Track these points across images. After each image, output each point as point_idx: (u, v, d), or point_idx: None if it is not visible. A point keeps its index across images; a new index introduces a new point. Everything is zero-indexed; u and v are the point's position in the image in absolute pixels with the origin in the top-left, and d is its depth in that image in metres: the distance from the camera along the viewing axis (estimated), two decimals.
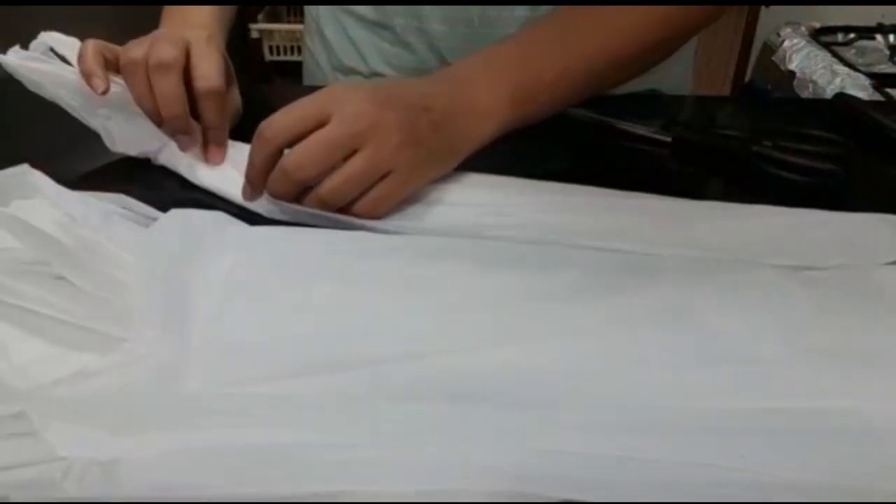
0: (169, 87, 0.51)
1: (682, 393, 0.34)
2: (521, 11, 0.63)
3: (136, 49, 0.52)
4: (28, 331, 0.36)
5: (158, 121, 0.52)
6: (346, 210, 0.46)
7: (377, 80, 0.68)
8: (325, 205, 0.45)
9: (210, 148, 0.53)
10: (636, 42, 0.54)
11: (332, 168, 0.45)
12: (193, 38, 0.53)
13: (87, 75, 0.51)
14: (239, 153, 0.51)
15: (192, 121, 0.53)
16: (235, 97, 0.58)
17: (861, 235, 0.46)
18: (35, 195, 0.42)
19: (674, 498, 0.28)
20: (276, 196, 0.46)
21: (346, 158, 0.45)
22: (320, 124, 0.45)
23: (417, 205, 0.48)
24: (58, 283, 0.37)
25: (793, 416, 0.33)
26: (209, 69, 0.52)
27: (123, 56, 0.52)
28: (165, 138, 0.53)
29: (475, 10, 0.63)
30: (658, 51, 0.57)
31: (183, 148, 0.53)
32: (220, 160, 0.52)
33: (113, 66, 0.52)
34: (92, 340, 0.35)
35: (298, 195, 0.46)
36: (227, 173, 0.52)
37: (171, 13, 0.61)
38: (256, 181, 0.47)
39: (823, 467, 0.30)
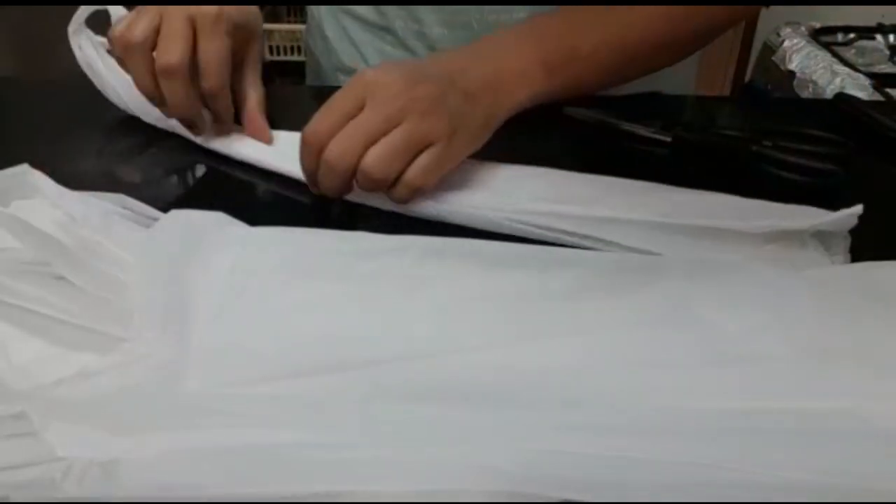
0: (176, 93, 0.51)
1: (682, 393, 0.34)
2: (520, 14, 0.63)
3: (138, 27, 0.51)
4: (28, 331, 0.36)
5: (158, 103, 0.53)
6: (392, 188, 0.47)
7: (406, 58, 0.68)
8: (370, 179, 0.46)
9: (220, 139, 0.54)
10: (671, 28, 0.55)
11: None
12: (200, 16, 0.51)
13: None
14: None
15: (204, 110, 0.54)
16: (254, 56, 0.58)
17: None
18: (35, 195, 0.42)
19: (674, 498, 0.28)
20: (331, 191, 0.47)
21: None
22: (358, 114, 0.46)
23: (453, 189, 0.49)
24: (58, 283, 0.37)
25: (793, 416, 0.33)
26: (211, 65, 0.52)
27: (122, 36, 0.51)
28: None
29: (474, 13, 0.64)
30: (690, 41, 0.59)
31: (196, 135, 0.54)
32: (267, 139, 0.54)
33: None
34: (92, 340, 0.35)
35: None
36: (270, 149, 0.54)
37: None
38: (316, 185, 0.48)
39: (823, 467, 0.30)
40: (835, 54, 1.51)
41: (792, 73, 1.51)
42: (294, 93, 0.69)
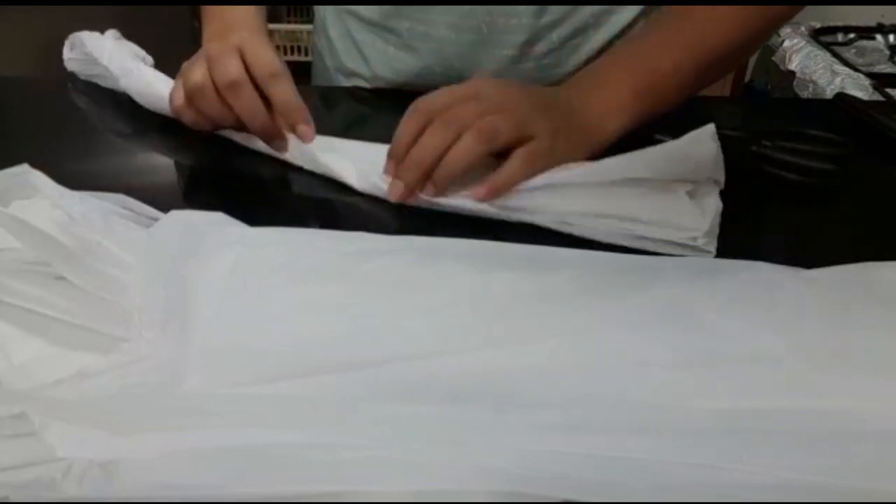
0: (247, 103, 0.52)
1: (682, 393, 0.34)
2: (527, 19, 0.64)
3: (195, 72, 0.53)
4: (28, 331, 0.36)
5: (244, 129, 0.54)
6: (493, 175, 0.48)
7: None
8: (474, 143, 0.47)
9: (299, 128, 0.53)
10: (736, 37, 0.58)
11: None
12: (240, 39, 0.54)
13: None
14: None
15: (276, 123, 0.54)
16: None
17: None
18: (35, 195, 0.42)
19: (673, 498, 0.28)
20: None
21: None
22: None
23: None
24: (58, 283, 0.37)
25: (792, 416, 0.33)
26: (265, 58, 0.53)
27: (187, 83, 0.53)
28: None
29: (483, 16, 0.64)
30: (753, 44, 0.62)
31: (279, 150, 0.54)
32: (311, 136, 0.52)
33: None
34: (92, 340, 0.35)
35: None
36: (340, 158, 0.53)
37: (211, 15, 0.61)
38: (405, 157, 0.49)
39: (823, 467, 0.30)
40: (835, 54, 1.50)
41: (792, 73, 1.51)
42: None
